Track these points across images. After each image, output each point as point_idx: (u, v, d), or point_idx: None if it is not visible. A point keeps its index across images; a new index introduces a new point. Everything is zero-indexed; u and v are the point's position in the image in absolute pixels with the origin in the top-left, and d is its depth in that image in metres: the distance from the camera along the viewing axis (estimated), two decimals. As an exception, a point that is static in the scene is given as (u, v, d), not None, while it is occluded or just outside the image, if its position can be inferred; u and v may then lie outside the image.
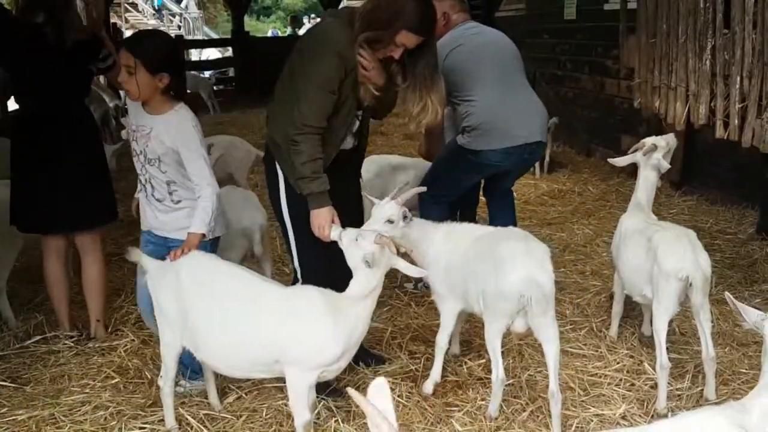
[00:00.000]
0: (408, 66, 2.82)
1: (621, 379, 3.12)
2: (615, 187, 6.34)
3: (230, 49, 15.45)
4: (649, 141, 3.31)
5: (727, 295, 2.49)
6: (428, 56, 2.80)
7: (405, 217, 2.96)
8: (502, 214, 4.08)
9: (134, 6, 28.18)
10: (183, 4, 29.01)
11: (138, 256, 2.80)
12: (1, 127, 6.63)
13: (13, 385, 3.18)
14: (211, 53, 19.94)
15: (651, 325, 3.44)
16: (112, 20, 12.39)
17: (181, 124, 2.89)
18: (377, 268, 2.50)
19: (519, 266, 2.66)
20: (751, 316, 2.07)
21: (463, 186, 3.97)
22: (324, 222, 2.74)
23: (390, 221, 2.91)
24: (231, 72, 15.28)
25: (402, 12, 2.64)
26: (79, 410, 2.96)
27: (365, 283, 2.51)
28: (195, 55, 20.40)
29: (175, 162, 2.89)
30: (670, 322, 2.95)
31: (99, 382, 3.19)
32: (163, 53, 2.85)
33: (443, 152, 4.09)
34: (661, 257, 2.83)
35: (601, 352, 3.34)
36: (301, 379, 2.50)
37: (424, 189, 3.32)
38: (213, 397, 2.97)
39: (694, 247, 2.85)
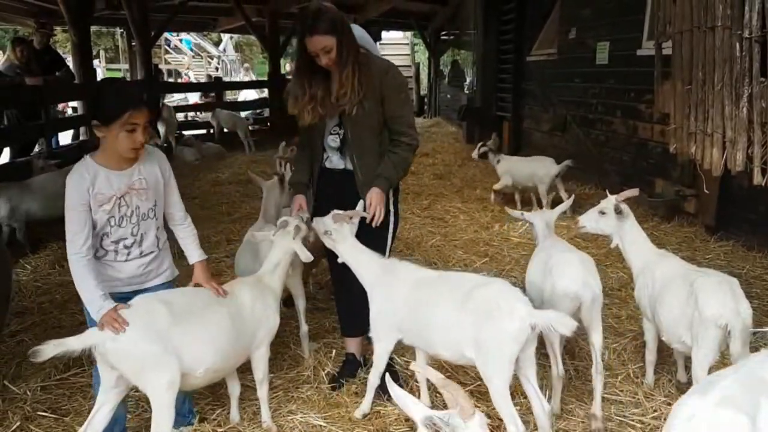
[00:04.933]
0: None
1: (659, 427, 3.06)
2: (649, 231, 6.23)
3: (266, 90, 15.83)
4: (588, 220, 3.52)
5: (507, 210, 3.85)
6: (340, 52, 3.05)
7: (326, 231, 3.15)
8: None
9: (175, 48, 29.09)
10: (221, 47, 29.89)
11: None
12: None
13: (53, 416, 3.25)
14: (249, 94, 20.47)
15: (686, 373, 3.40)
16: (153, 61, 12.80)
17: (158, 155, 2.86)
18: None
19: (519, 304, 2.68)
20: (514, 214, 3.65)
21: None
22: (295, 207, 3.39)
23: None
24: (267, 112, 15.63)
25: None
26: (117, 443, 3.00)
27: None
28: (232, 95, 20.97)
29: (162, 201, 2.86)
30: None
31: (136, 415, 3.24)
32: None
33: None
34: (702, 304, 2.79)
35: (638, 399, 3.30)
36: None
37: (364, 214, 3.23)
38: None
39: (735, 295, 2.80)
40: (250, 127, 13.02)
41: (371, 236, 3.25)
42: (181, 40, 29.27)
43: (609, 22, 8.17)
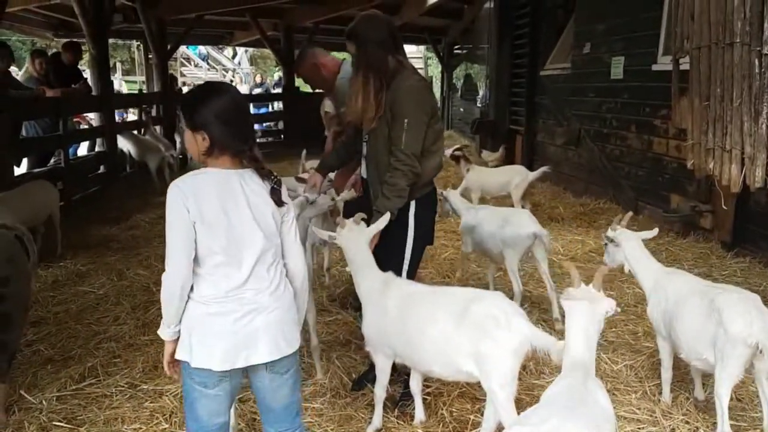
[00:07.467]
0: None
1: (677, 446, 3.02)
2: (665, 246, 6.23)
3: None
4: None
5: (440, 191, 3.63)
6: (355, 60, 3.24)
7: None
8: None
9: (188, 60, 29.31)
10: (236, 60, 30.13)
11: None
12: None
13: (68, 425, 3.26)
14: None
15: (704, 390, 3.36)
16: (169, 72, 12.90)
17: None
18: None
19: (518, 318, 2.67)
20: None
21: None
22: (309, 184, 3.67)
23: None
24: (280, 124, 15.72)
25: None
26: (132, 454, 3.01)
27: None
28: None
29: None
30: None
31: (151, 427, 3.24)
32: None
33: None
34: (728, 321, 2.73)
35: (655, 418, 3.26)
36: None
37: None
38: None
39: (761, 312, 2.74)
40: (261, 139, 13.11)
41: (388, 248, 3.25)
42: (187, 47, 29.45)
43: (624, 38, 8.17)
